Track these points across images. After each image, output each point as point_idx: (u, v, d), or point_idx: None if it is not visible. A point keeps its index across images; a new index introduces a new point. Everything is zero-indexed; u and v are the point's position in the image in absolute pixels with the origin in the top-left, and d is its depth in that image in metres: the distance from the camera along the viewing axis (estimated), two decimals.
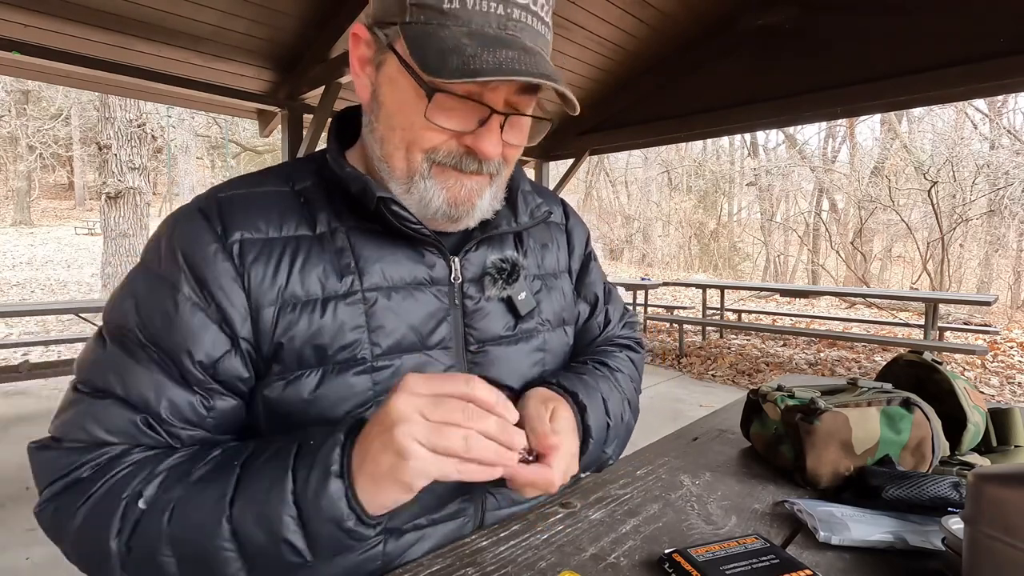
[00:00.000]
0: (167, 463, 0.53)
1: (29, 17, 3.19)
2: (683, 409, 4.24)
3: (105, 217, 7.50)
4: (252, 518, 0.48)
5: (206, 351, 0.56)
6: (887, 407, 0.84)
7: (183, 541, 0.49)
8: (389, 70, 0.58)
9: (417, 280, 0.64)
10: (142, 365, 0.55)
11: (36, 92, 18.47)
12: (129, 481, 0.52)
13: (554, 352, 0.76)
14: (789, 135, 17.04)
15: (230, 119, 18.49)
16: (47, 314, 5.27)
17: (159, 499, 0.50)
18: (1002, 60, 3.17)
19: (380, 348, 0.61)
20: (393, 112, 0.58)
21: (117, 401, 0.55)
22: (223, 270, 0.56)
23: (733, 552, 0.58)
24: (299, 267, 0.59)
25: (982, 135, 13.07)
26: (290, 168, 0.67)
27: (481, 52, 0.51)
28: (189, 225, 0.58)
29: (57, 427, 0.57)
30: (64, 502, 0.53)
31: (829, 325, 7.66)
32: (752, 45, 4.21)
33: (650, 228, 20.10)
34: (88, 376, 0.57)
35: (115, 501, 0.51)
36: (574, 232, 0.84)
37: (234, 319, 0.56)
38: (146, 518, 0.50)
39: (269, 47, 3.99)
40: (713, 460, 0.94)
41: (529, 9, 0.55)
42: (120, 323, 0.57)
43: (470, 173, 0.59)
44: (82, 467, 0.54)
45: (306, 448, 0.50)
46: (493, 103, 0.56)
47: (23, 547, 2.21)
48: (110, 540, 0.50)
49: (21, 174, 18.56)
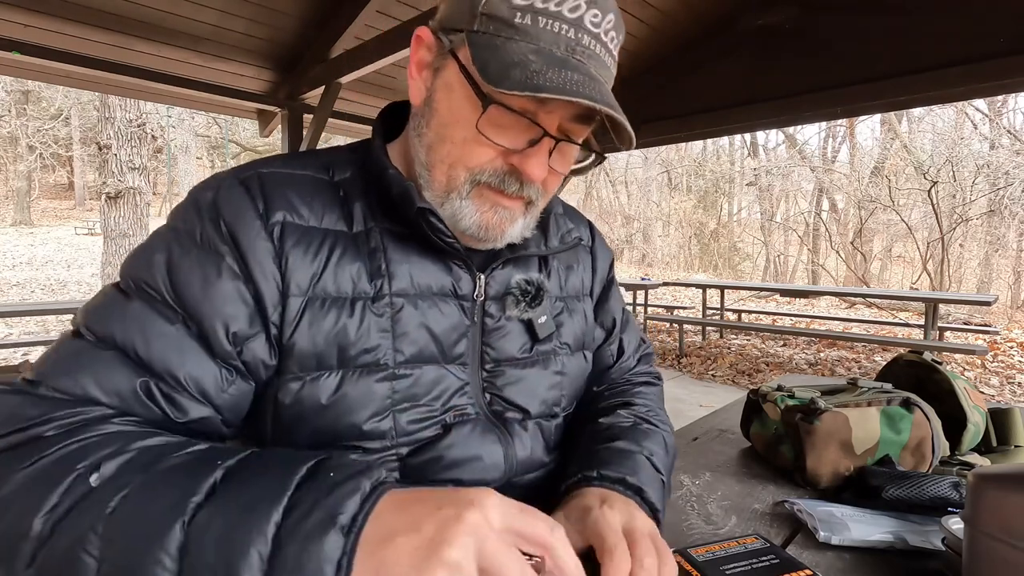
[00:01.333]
0: (144, 442, 0.44)
1: (29, 17, 3.19)
2: (683, 409, 4.24)
3: (105, 217, 7.50)
4: (214, 536, 0.37)
5: (240, 327, 0.53)
6: (887, 407, 0.84)
7: (117, 539, 0.38)
8: (447, 76, 0.57)
9: (444, 291, 0.63)
10: (169, 324, 0.51)
11: (36, 92, 18.47)
12: (93, 451, 0.43)
13: (572, 376, 0.74)
14: (789, 135, 17.05)
15: (230, 119, 18.49)
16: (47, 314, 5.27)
17: (115, 480, 0.41)
18: (1002, 60, 3.17)
19: (403, 355, 0.59)
20: (446, 121, 0.57)
21: (125, 358, 0.49)
22: (264, 249, 0.54)
23: (733, 552, 0.58)
24: (335, 262, 0.57)
25: (982, 135, 13.07)
26: (328, 156, 0.65)
27: (546, 70, 0.50)
28: (231, 195, 0.55)
29: (41, 370, 0.49)
30: (8, 459, 0.43)
31: (829, 325, 7.67)
32: (752, 45, 4.20)
33: (650, 228, 20.10)
34: (99, 324, 0.50)
35: (66, 471, 0.41)
36: (598, 255, 0.83)
37: (267, 301, 0.54)
38: (89, 498, 0.40)
39: (269, 47, 3.99)
40: (713, 460, 0.94)
41: (599, 39, 0.54)
42: (146, 280, 0.52)
43: (509, 195, 0.58)
44: (49, 423, 0.45)
45: (319, 478, 0.40)
46: (547, 125, 0.55)
47: None
48: (37, 516, 0.39)
49: (21, 174, 18.57)
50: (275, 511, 0.37)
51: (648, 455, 0.65)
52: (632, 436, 0.68)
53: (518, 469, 0.66)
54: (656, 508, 0.60)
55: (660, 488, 0.63)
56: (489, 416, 0.65)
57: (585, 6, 0.53)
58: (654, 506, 0.60)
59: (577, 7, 0.52)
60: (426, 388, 0.61)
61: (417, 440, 0.60)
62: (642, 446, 0.66)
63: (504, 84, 0.49)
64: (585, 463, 0.63)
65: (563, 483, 0.63)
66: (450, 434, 0.61)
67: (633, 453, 0.65)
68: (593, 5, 0.53)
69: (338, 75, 3.79)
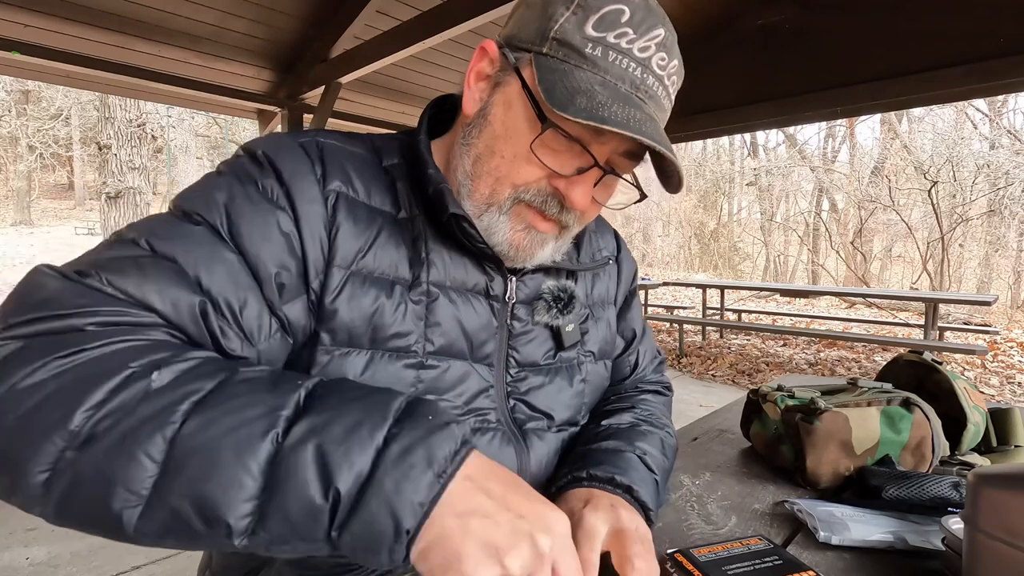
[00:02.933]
0: (205, 353, 0.43)
1: (29, 17, 3.19)
2: (683, 409, 4.24)
3: (105, 217, 7.49)
4: (312, 450, 0.36)
5: (288, 280, 0.53)
6: (887, 407, 0.84)
7: (189, 445, 0.36)
8: (508, 92, 0.57)
9: (477, 289, 0.63)
10: (231, 253, 0.50)
11: (36, 92, 18.46)
12: (146, 353, 0.40)
13: (593, 384, 0.75)
14: (789, 135, 17.04)
15: (230, 119, 18.48)
16: None
17: (181, 384, 0.38)
18: (1002, 60, 3.17)
19: (433, 346, 0.59)
20: (499, 134, 0.57)
21: (185, 276, 0.46)
22: (317, 213, 0.54)
23: (736, 553, 0.58)
24: (380, 243, 0.58)
25: (982, 135, 13.06)
26: (378, 141, 0.65)
27: (611, 103, 0.51)
28: (292, 154, 0.55)
29: (88, 262, 0.45)
30: (40, 344, 0.39)
31: (829, 325, 7.67)
32: (752, 45, 4.20)
33: (650, 228, 20.10)
34: (156, 237, 0.48)
35: (114, 368, 0.38)
36: (623, 265, 0.84)
37: (311, 266, 0.54)
38: (151, 400, 0.37)
39: (269, 47, 3.99)
40: (713, 460, 0.94)
41: (663, 81, 0.56)
42: (205, 214, 0.50)
43: (547, 217, 0.59)
44: (92, 315, 0.41)
45: (417, 416, 0.40)
46: (598, 155, 0.56)
47: (23, 547, 2.21)
48: (77, 411, 0.36)
49: (21, 174, 18.55)
50: (378, 435, 0.38)
51: (640, 454, 0.65)
52: (626, 436, 0.68)
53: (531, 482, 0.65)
54: (648, 507, 0.60)
55: (653, 487, 0.63)
56: (510, 425, 0.65)
57: (655, 48, 0.54)
58: (645, 505, 0.60)
59: (647, 48, 0.54)
60: (450, 383, 0.61)
61: None
62: (634, 445, 0.66)
63: (569, 110, 0.50)
64: (576, 464, 0.63)
65: (553, 485, 0.63)
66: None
67: (623, 452, 0.65)
68: (662, 48, 0.55)
69: (338, 75, 3.79)
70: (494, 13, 2.75)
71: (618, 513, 0.54)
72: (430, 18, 3.08)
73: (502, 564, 0.36)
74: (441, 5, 3.02)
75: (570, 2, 0.54)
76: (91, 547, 2.21)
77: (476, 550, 0.36)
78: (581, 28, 0.53)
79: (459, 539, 0.36)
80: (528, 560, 0.37)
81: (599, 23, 0.53)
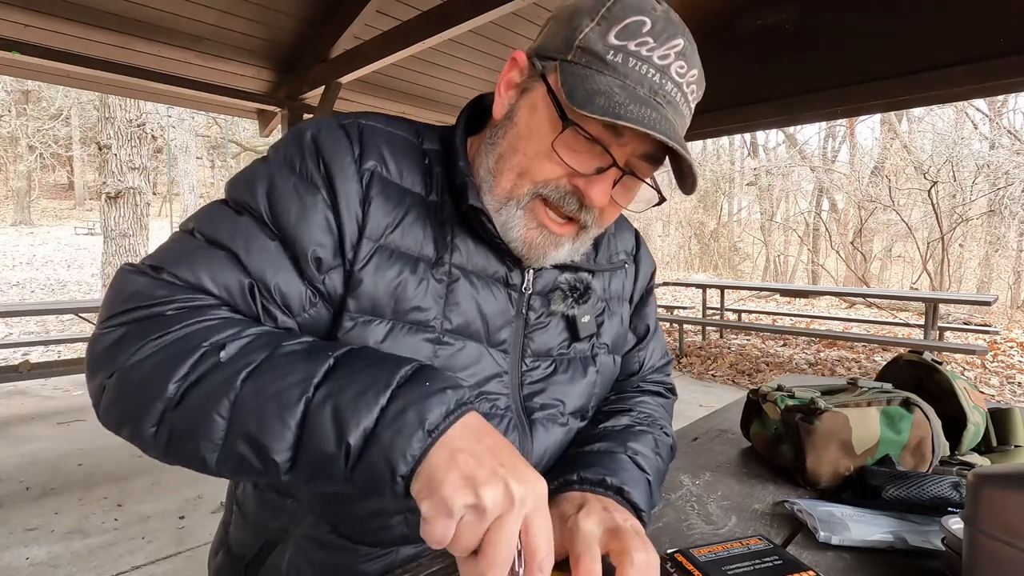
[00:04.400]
0: (257, 328, 0.52)
1: (29, 17, 3.19)
2: (683, 409, 4.24)
3: (105, 217, 7.49)
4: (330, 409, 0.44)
5: (326, 256, 0.58)
6: (887, 407, 0.84)
7: (248, 405, 0.46)
8: (534, 97, 0.60)
9: (497, 276, 0.66)
10: (271, 239, 0.57)
11: (36, 92, 18.48)
12: (213, 333, 0.50)
13: (605, 376, 0.76)
14: (789, 135, 17.05)
15: (230, 119, 18.49)
16: (47, 314, 5.27)
17: (241, 357, 0.48)
18: (1002, 60, 3.17)
19: (450, 324, 0.62)
20: (522, 134, 0.60)
21: (233, 258, 0.55)
22: (353, 190, 0.59)
23: (736, 553, 0.58)
24: (409, 221, 0.61)
25: (982, 135, 13.07)
26: (421, 126, 0.69)
27: (628, 103, 0.53)
28: (332, 136, 0.60)
29: (161, 258, 0.55)
30: (136, 331, 0.50)
31: (829, 325, 7.67)
32: (752, 45, 4.21)
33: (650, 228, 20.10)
34: (211, 228, 0.57)
35: (193, 346, 0.48)
36: (642, 263, 0.85)
37: (347, 238, 0.59)
38: (220, 371, 0.47)
39: (269, 47, 3.99)
40: (713, 460, 0.94)
41: (681, 88, 0.58)
42: (249, 203, 0.58)
43: (564, 217, 0.61)
44: (170, 303, 0.51)
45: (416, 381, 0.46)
46: (617, 156, 0.58)
47: (23, 547, 2.21)
48: (170, 382, 0.47)
49: (21, 174, 18.57)
50: (382, 398, 0.45)
51: (631, 454, 0.65)
52: (618, 438, 0.68)
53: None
54: (640, 508, 0.60)
55: (645, 488, 0.63)
56: (519, 413, 0.67)
57: (674, 57, 0.57)
58: (637, 506, 0.60)
59: (666, 56, 0.57)
60: (464, 363, 0.63)
61: None
62: (626, 446, 0.67)
63: (588, 108, 0.52)
64: (567, 467, 0.64)
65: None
66: None
67: (615, 453, 0.65)
68: (681, 57, 0.57)
69: (338, 75, 3.80)
70: (494, 13, 2.75)
71: (611, 515, 0.54)
72: (430, 18, 3.08)
73: (476, 494, 0.41)
74: (441, 5, 3.02)
75: (595, 13, 0.57)
76: (91, 547, 2.21)
77: (456, 478, 0.42)
78: (604, 37, 0.56)
79: (444, 470, 0.42)
80: (501, 499, 0.41)
81: (621, 32, 0.56)
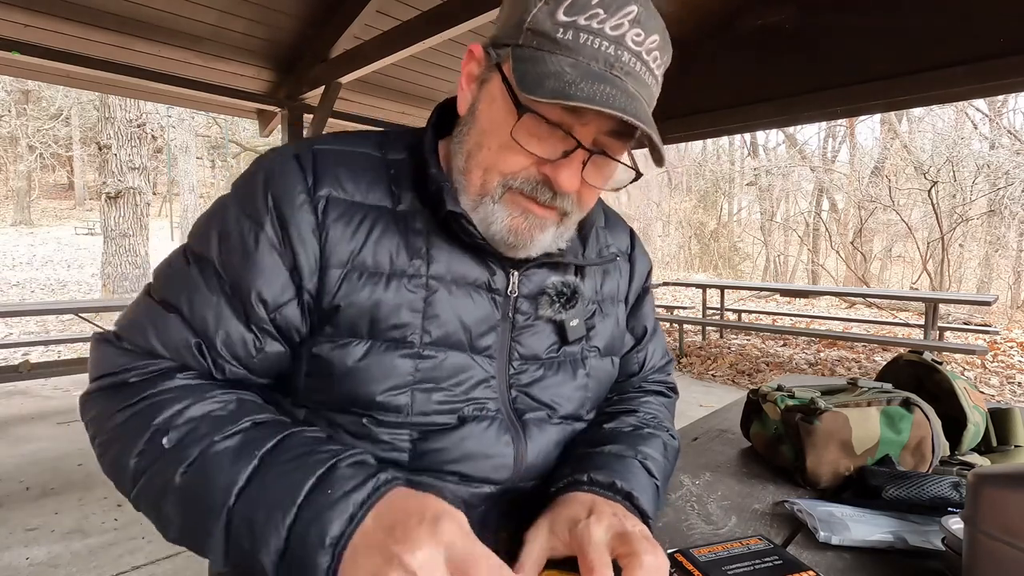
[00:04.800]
0: (200, 409, 0.54)
1: (29, 17, 3.19)
2: (683, 409, 4.22)
3: (105, 217, 7.49)
4: (247, 523, 0.47)
5: (273, 294, 0.58)
6: (887, 407, 0.84)
7: (183, 503, 0.50)
8: (491, 88, 0.59)
9: (478, 283, 0.64)
10: (212, 293, 0.58)
11: (36, 92, 18.46)
12: (165, 408, 0.53)
13: (599, 380, 0.74)
14: (789, 135, 17.04)
15: (230, 119, 18.49)
16: (47, 314, 5.27)
17: (181, 449, 0.51)
18: (1002, 60, 3.17)
19: (430, 336, 0.61)
20: (485, 128, 0.59)
21: (181, 319, 0.57)
22: (306, 220, 0.58)
23: (736, 553, 0.58)
24: (375, 238, 0.60)
25: (982, 135, 13.05)
26: (384, 137, 0.68)
27: (579, 81, 0.52)
28: (283, 168, 0.60)
29: (122, 325, 0.60)
30: (109, 399, 0.56)
31: (829, 325, 7.66)
32: (752, 45, 4.20)
33: (650, 228, 20.10)
34: (162, 287, 0.60)
35: (147, 423, 0.52)
36: (637, 263, 0.84)
37: (304, 271, 0.58)
38: (163, 460, 0.51)
39: (269, 47, 3.99)
40: (713, 460, 0.94)
41: (640, 57, 0.56)
42: (202, 251, 0.59)
43: (542, 205, 0.59)
44: (131, 371, 0.56)
45: (320, 491, 0.47)
46: (581, 137, 0.56)
47: (23, 547, 2.21)
48: (131, 457, 0.52)
49: (21, 174, 18.57)
50: (288, 517, 0.47)
51: (642, 459, 0.65)
52: (628, 440, 0.68)
53: (526, 474, 0.65)
54: (647, 515, 0.60)
55: (653, 494, 0.63)
56: (510, 415, 0.65)
57: (628, 25, 0.54)
58: (644, 512, 0.60)
59: (619, 26, 0.54)
60: (449, 372, 0.62)
61: (432, 424, 0.61)
62: (637, 450, 0.66)
63: (537, 92, 0.51)
64: (577, 467, 0.63)
65: (552, 486, 0.63)
66: (465, 427, 0.62)
67: (626, 458, 0.64)
68: (636, 25, 0.55)
69: (338, 75, 3.80)
70: (494, 13, 2.74)
71: (620, 520, 0.54)
72: (430, 18, 3.08)
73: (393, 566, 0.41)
74: (441, 5, 3.02)
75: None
76: (91, 547, 2.21)
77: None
78: (553, 15, 0.54)
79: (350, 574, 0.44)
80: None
81: (570, 8, 0.54)
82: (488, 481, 0.63)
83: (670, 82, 0.65)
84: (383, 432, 0.60)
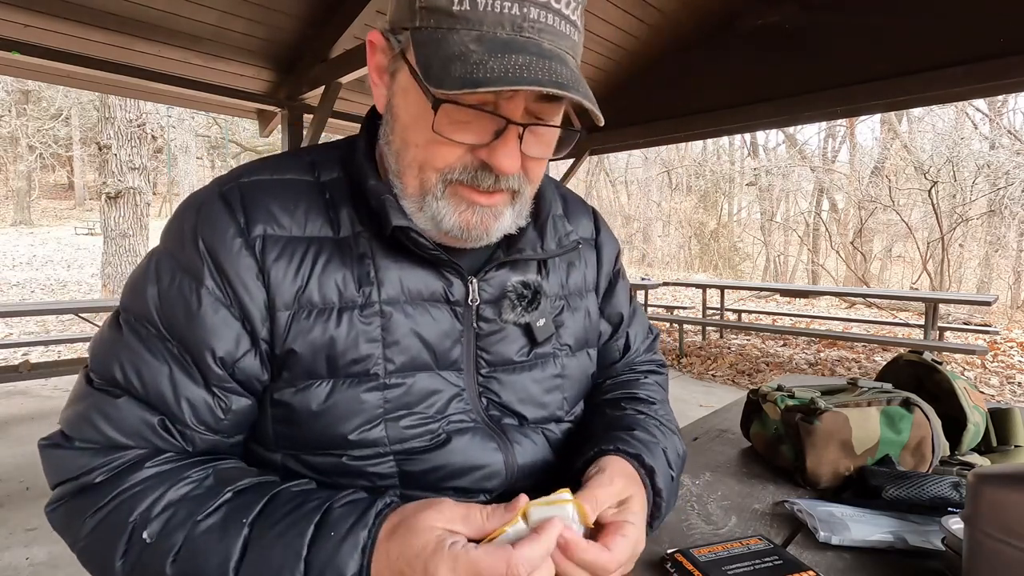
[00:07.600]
0: (176, 493, 0.51)
1: (29, 17, 3.19)
2: (683, 409, 4.24)
3: (105, 217, 7.49)
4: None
5: (227, 349, 0.54)
6: (887, 407, 0.84)
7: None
8: (401, 79, 0.55)
9: (435, 296, 0.61)
10: (160, 360, 0.53)
11: (36, 92, 18.46)
12: (139, 502, 0.50)
13: (573, 378, 0.72)
14: (789, 135, 17.04)
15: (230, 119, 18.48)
16: (47, 314, 5.27)
17: (164, 539, 0.48)
18: (1002, 60, 3.17)
19: (394, 364, 0.58)
20: (407, 125, 0.55)
21: (133, 399, 0.53)
22: (246, 266, 0.54)
23: (736, 553, 0.58)
24: (319, 271, 0.57)
25: (982, 135, 13.05)
26: (315, 154, 0.63)
27: (487, 59, 0.47)
28: (210, 211, 0.56)
29: (68, 422, 0.54)
30: (75, 506, 0.52)
31: (829, 325, 7.66)
32: (752, 45, 4.20)
33: (650, 228, 20.11)
34: (103, 367, 0.54)
35: (123, 522, 0.49)
36: (604, 248, 0.80)
37: (255, 318, 0.55)
38: (149, 553, 0.48)
39: (269, 47, 3.98)
40: (713, 460, 0.94)
41: (550, 7, 0.50)
42: (140, 312, 0.55)
43: (487, 191, 0.55)
44: (94, 471, 0.52)
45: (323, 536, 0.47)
46: (509, 113, 0.51)
47: (23, 547, 2.21)
48: (116, 561, 0.49)
49: (21, 174, 18.57)
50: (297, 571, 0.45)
51: (664, 448, 0.66)
52: (650, 430, 0.68)
53: (519, 475, 0.64)
54: (660, 494, 0.60)
55: (669, 480, 0.63)
56: (488, 423, 0.64)
57: None
58: (659, 491, 0.60)
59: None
60: (419, 396, 0.60)
61: (413, 449, 0.59)
62: (658, 439, 0.67)
63: (446, 84, 0.47)
64: (604, 442, 0.63)
65: (579, 458, 0.63)
66: (450, 443, 0.60)
67: (651, 443, 0.65)
68: None
69: (338, 75, 3.79)
70: None
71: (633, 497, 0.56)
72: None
73: None
74: None
75: None
76: None
77: None
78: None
79: None
80: None
81: None
82: (483, 490, 0.62)
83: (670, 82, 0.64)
84: (367, 466, 0.58)
